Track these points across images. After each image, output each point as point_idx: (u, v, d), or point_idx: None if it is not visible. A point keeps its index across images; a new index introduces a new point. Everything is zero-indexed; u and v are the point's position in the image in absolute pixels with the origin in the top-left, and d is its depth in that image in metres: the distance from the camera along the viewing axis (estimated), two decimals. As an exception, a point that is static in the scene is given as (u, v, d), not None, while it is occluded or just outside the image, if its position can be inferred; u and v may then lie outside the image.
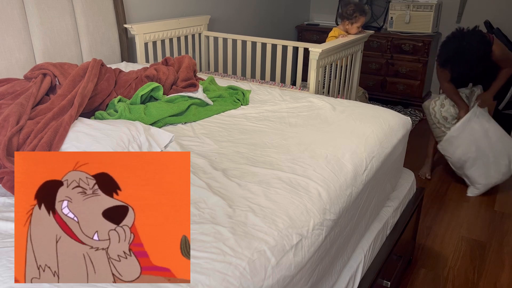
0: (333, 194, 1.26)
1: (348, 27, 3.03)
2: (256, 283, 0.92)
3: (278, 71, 2.97)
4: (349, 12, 3.00)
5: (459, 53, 2.45)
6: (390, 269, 1.74)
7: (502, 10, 4.03)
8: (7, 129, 1.33)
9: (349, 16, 3.00)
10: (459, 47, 2.45)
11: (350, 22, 3.01)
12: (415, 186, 2.09)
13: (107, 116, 1.63)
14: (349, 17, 3.00)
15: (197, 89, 1.92)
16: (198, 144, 1.53)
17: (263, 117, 1.83)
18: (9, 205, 1.15)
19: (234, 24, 3.73)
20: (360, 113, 1.86)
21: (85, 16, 2.35)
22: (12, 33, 2.03)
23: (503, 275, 2.08)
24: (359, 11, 2.99)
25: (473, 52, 2.42)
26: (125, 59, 2.65)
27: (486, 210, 2.62)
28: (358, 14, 2.98)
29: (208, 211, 1.10)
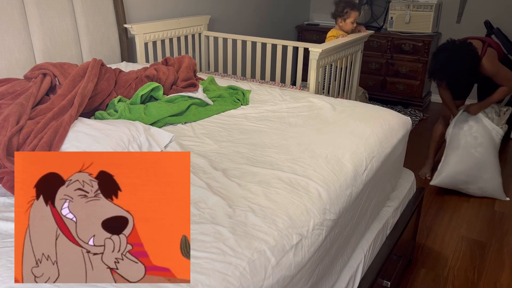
0: (333, 194, 1.26)
1: (342, 24, 3.03)
2: (256, 283, 0.92)
3: (278, 71, 2.97)
4: (340, 9, 3.02)
5: (445, 65, 2.47)
6: (390, 269, 1.74)
7: (502, 10, 4.03)
8: (7, 129, 1.33)
9: (340, 13, 3.02)
10: (446, 59, 2.47)
11: (343, 19, 3.02)
12: (415, 186, 2.09)
13: (107, 116, 1.63)
14: (341, 14, 3.02)
15: (197, 89, 1.92)
16: (198, 144, 1.53)
17: (263, 117, 1.83)
18: (9, 205, 1.15)
19: (234, 24, 3.73)
20: (360, 113, 1.86)
21: (85, 16, 2.35)
22: (12, 33, 2.04)
23: (503, 275, 2.08)
24: (349, 6, 3.00)
25: (459, 65, 2.43)
26: (125, 59, 2.65)
27: (486, 210, 2.62)
28: (349, 9, 2.99)
29: (208, 211, 1.10)
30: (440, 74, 2.53)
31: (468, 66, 2.44)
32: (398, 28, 4.15)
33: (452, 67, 2.45)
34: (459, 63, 2.43)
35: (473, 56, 2.46)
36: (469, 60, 2.45)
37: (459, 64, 2.43)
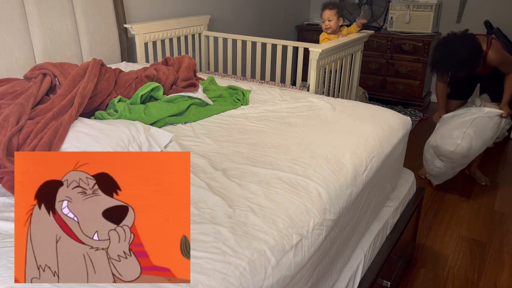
0: (333, 194, 1.26)
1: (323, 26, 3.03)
2: (256, 283, 0.92)
3: (278, 71, 2.97)
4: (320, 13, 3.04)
5: (444, 57, 2.46)
6: (390, 269, 1.74)
7: (502, 10, 4.03)
8: (7, 129, 1.33)
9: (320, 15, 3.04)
10: (446, 51, 2.46)
11: (322, 21, 3.03)
12: (415, 186, 2.09)
13: (107, 116, 1.63)
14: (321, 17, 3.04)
15: (197, 89, 1.92)
16: (198, 144, 1.53)
17: (263, 117, 1.83)
18: (9, 205, 1.15)
19: (234, 24, 3.73)
20: (360, 113, 1.86)
21: (85, 16, 2.35)
22: (12, 33, 2.03)
23: (503, 275, 2.08)
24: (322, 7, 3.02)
25: (458, 56, 2.41)
26: (125, 59, 2.65)
27: (486, 210, 2.62)
28: (322, 10, 3.01)
29: (208, 211, 1.10)
30: (442, 64, 2.50)
31: (466, 57, 2.41)
32: (398, 28, 4.15)
33: (453, 57, 2.43)
34: (460, 52, 2.41)
35: (474, 45, 2.43)
36: (470, 49, 2.41)
37: (460, 53, 2.40)
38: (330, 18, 2.96)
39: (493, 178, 3.00)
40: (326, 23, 2.99)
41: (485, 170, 3.10)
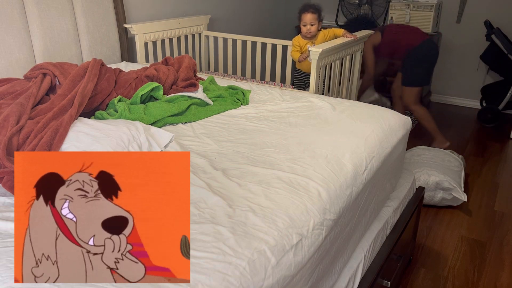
0: (333, 194, 1.26)
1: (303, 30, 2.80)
2: (256, 283, 0.92)
3: (278, 71, 2.97)
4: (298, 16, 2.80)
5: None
6: (390, 269, 1.74)
7: (502, 10, 4.03)
8: (7, 129, 1.33)
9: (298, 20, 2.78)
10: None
11: (302, 24, 2.79)
12: (415, 186, 2.09)
13: (107, 116, 1.63)
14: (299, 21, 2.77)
15: (197, 89, 1.92)
16: (198, 144, 1.53)
17: (263, 117, 1.83)
18: (9, 205, 1.15)
19: (234, 24, 3.73)
20: (360, 113, 1.86)
21: (85, 16, 2.35)
22: (12, 33, 2.04)
23: (503, 275, 2.08)
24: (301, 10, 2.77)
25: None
26: (125, 59, 2.65)
27: (486, 210, 2.62)
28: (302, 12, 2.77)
29: (208, 211, 1.10)
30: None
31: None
32: (398, 28, 4.15)
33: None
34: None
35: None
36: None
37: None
38: (312, 22, 2.75)
39: (493, 178, 3.00)
40: (308, 27, 2.76)
41: (485, 170, 3.10)
